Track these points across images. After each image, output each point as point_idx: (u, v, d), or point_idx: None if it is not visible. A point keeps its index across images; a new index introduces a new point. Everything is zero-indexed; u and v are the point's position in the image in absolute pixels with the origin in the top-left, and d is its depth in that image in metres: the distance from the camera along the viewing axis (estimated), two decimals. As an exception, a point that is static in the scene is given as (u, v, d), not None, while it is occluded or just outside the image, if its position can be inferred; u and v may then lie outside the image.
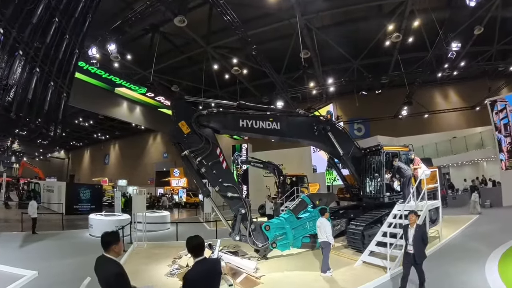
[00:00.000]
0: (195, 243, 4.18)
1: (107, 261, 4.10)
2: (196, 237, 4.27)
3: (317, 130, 12.02)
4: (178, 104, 10.11)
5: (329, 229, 9.35)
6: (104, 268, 4.05)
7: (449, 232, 13.34)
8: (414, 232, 7.42)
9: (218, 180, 9.82)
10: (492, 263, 8.92)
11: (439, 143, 27.34)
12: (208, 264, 4.26)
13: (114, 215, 18.49)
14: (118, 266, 4.08)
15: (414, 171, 12.19)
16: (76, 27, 11.22)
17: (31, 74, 9.78)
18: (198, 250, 4.17)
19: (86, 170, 63.04)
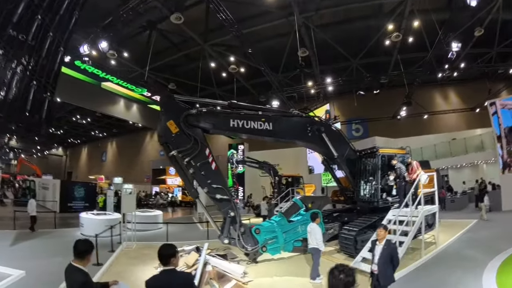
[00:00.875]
0: (164, 252, 4.02)
1: (75, 270, 4.00)
2: (168, 246, 4.14)
3: (311, 131, 11.73)
4: (167, 103, 9.82)
5: (319, 236, 9.04)
6: (71, 278, 3.97)
7: (445, 237, 13.04)
8: (382, 250, 6.33)
9: (206, 182, 9.59)
10: (490, 273, 8.55)
11: (438, 144, 27.14)
12: (175, 276, 4.00)
13: (105, 214, 18.17)
14: (84, 275, 3.97)
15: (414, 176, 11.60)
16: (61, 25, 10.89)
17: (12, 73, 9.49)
18: (167, 259, 3.98)
19: (83, 167, 62.76)
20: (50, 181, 32.59)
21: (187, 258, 9.57)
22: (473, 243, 12.26)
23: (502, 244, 11.05)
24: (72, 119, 45.09)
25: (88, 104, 32.03)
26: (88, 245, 4.21)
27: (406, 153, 13.64)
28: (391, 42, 24.70)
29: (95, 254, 10.53)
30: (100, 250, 11.01)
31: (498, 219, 16.88)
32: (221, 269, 9.07)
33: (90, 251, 4.19)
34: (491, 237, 12.90)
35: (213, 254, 10.23)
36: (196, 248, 10.16)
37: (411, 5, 21.84)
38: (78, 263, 4.03)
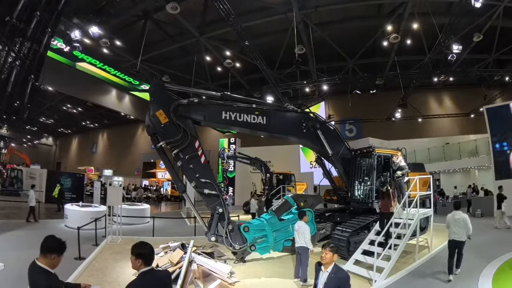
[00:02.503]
0: (140, 251, 3.51)
1: (38, 271, 3.40)
2: (143, 244, 3.60)
3: (305, 127, 11.33)
4: (157, 91, 9.25)
5: (308, 234, 8.63)
6: (34, 280, 3.38)
7: (439, 241, 12.66)
8: (327, 279, 4.40)
9: (195, 175, 9.12)
10: (486, 278, 8.33)
11: (432, 148, 27.09)
12: (155, 276, 3.60)
13: (91, 206, 17.62)
14: (49, 278, 3.41)
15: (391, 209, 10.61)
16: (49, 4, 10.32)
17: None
18: (144, 257, 3.50)
19: (73, 158, 61.92)
20: (37, 171, 31.96)
21: (172, 256, 9.06)
22: (467, 248, 11.63)
23: (496, 249, 10.97)
24: (63, 108, 44.39)
25: (79, 94, 31.58)
26: (57, 244, 3.55)
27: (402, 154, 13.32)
28: (389, 43, 24.56)
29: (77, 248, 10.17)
30: (83, 243, 10.54)
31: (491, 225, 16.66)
32: (207, 268, 8.58)
33: (58, 252, 3.52)
34: (485, 242, 12.64)
35: (199, 251, 9.74)
36: (181, 245, 9.64)
37: (412, 7, 21.73)
38: (43, 262, 3.43)
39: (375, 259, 8.60)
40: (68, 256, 9.41)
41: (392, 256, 8.93)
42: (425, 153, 26.80)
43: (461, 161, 25.10)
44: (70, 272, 7.98)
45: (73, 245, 10.11)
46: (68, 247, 3.58)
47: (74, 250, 10.02)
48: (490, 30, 23.57)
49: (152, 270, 3.54)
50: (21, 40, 9.38)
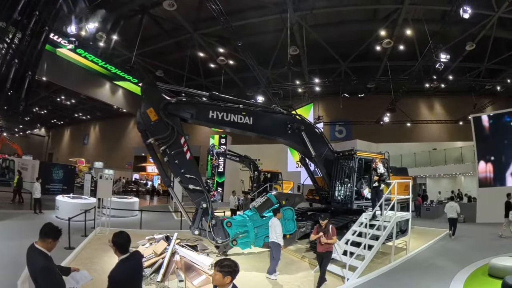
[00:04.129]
0: (117, 240, 4.06)
1: (36, 253, 3.94)
2: (121, 233, 4.14)
3: (290, 128, 11.81)
4: (148, 90, 9.73)
5: (279, 230, 9.16)
6: (32, 260, 3.90)
7: (417, 244, 13.23)
8: None
9: (180, 171, 9.60)
10: (458, 283, 8.55)
11: (418, 153, 27.56)
12: (132, 260, 4.11)
13: (81, 198, 18.12)
14: (46, 259, 3.93)
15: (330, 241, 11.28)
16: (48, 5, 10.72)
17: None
18: (124, 246, 4.05)
19: (65, 149, 61.79)
20: (30, 162, 32.11)
21: (156, 247, 9.56)
22: (444, 252, 12.35)
23: (473, 255, 11.14)
24: (57, 99, 44.43)
25: (73, 86, 31.76)
26: (55, 231, 4.12)
27: (384, 158, 13.81)
28: (382, 48, 25.03)
29: (67, 237, 10.64)
30: (73, 234, 11.04)
31: (472, 231, 17.11)
32: (189, 260, 9.09)
33: (54, 237, 4.08)
34: (463, 247, 13.02)
35: (183, 244, 10.24)
36: (165, 237, 10.14)
37: (406, 14, 22.15)
38: (41, 245, 3.96)
39: (347, 258, 9.03)
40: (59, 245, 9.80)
41: (366, 256, 9.36)
42: (411, 157, 27.29)
43: (447, 167, 25.60)
44: (60, 261, 8.36)
45: (64, 235, 10.57)
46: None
47: (64, 240, 10.46)
48: (483, 40, 24.03)
49: (128, 257, 4.05)
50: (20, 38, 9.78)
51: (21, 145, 50.95)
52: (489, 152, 20.56)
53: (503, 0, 20.08)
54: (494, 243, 13.74)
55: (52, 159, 59.42)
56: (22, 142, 56.66)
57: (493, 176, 20.25)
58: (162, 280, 8.10)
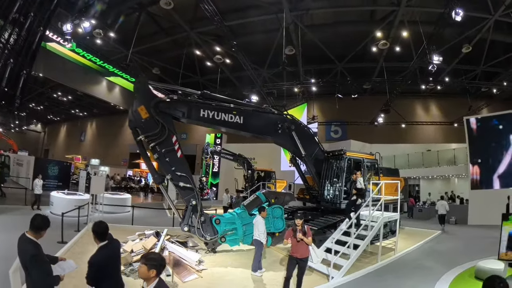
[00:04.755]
0: (96, 229, 4.48)
1: (27, 241, 4.23)
2: (100, 222, 4.56)
3: (281, 128, 12.07)
4: (140, 88, 9.96)
5: (262, 228, 9.39)
6: (23, 248, 4.20)
7: (406, 245, 13.43)
8: None
9: (170, 168, 9.80)
10: (443, 284, 8.59)
11: (412, 154, 27.80)
12: (111, 247, 4.53)
13: (75, 194, 18.41)
14: (36, 248, 4.21)
15: None
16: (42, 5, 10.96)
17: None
18: (102, 235, 4.46)
19: (61, 145, 61.82)
20: (25, 158, 32.40)
21: (145, 242, 9.82)
22: (433, 253, 12.48)
23: (461, 257, 11.19)
24: (53, 95, 44.59)
25: (70, 82, 31.89)
26: (45, 222, 4.44)
27: (374, 159, 14.09)
28: (378, 49, 25.20)
29: (60, 232, 11.00)
30: (66, 229, 11.32)
31: (462, 233, 17.31)
32: (177, 255, 9.35)
33: (45, 228, 4.41)
34: (452, 249, 13.16)
35: (172, 240, 10.52)
36: (155, 233, 10.41)
37: (402, 15, 22.29)
38: (32, 235, 4.27)
39: (332, 256, 9.22)
40: (52, 239, 10.30)
41: (351, 255, 9.57)
42: (404, 158, 27.59)
43: (440, 169, 25.89)
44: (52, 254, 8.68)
45: (57, 230, 10.99)
46: (52, 232, 4.45)
47: (57, 234, 10.90)
48: (480, 42, 24.19)
49: (107, 244, 4.46)
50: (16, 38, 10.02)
51: (17, 141, 51.18)
52: (477, 155, 20.86)
53: (499, 4, 20.18)
54: (484, 246, 13.63)
55: (48, 155, 59.54)
56: (18, 138, 56.79)
57: (479, 179, 20.55)
58: (150, 274, 8.35)
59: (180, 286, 7.98)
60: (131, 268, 8.70)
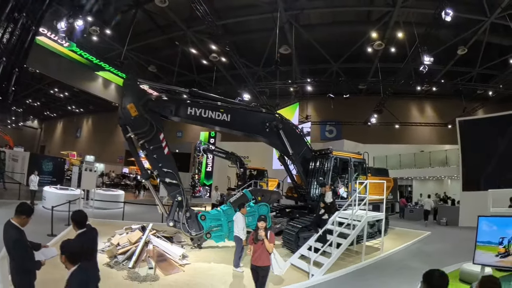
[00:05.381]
0: (75, 217, 5.00)
1: (11, 227, 4.62)
2: (78, 211, 5.08)
3: (269, 127, 12.32)
4: (130, 86, 10.22)
5: (241, 225, 9.61)
6: (7, 233, 4.57)
7: (393, 245, 13.57)
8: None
9: (158, 165, 10.10)
10: None
11: (404, 155, 28.04)
12: (88, 234, 5.02)
13: (67, 189, 18.83)
14: (19, 233, 4.61)
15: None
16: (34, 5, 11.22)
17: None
18: (80, 223, 4.94)
19: (57, 142, 62.05)
20: (20, 153, 32.68)
21: (131, 236, 10.12)
22: (420, 254, 12.54)
23: (448, 259, 11.09)
24: (50, 91, 44.84)
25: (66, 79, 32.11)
26: (27, 208, 4.85)
27: (362, 158, 14.37)
28: (373, 50, 25.42)
29: (50, 226, 11.38)
30: (57, 223, 11.65)
31: (452, 234, 17.40)
32: (161, 249, 9.66)
33: (26, 214, 4.79)
34: (439, 251, 13.19)
35: (158, 235, 10.82)
36: (141, 227, 10.70)
37: (397, 16, 22.43)
38: (16, 221, 4.65)
39: (312, 254, 9.44)
40: (42, 232, 10.62)
41: (332, 254, 9.78)
42: (396, 158, 27.86)
43: (432, 170, 26.11)
44: (41, 246, 9.08)
45: (47, 224, 11.38)
46: (43, 225, 4.83)
47: (47, 227, 11.26)
48: (476, 45, 24.41)
49: (85, 231, 4.94)
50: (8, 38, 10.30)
51: (13, 137, 51.43)
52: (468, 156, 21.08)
53: (496, 6, 20.34)
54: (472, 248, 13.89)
55: (44, 151, 59.73)
56: (14, 134, 57.05)
57: (471, 180, 20.76)
58: (133, 266, 8.67)
59: (162, 279, 8.26)
60: (116, 260, 9.00)
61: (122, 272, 8.42)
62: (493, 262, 6.44)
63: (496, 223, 6.55)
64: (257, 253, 6.87)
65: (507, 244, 6.28)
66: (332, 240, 10.04)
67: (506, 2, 19.47)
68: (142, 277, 8.12)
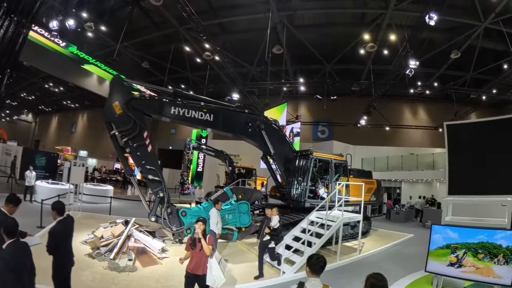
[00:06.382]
0: (56, 206, 5.87)
1: (1, 214, 5.44)
2: (58, 202, 6.01)
3: (251, 127, 12.89)
4: (115, 85, 10.79)
5: (213, 219, 10.14)
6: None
7: (373, 246, 14.02)
8: None
9: (141, 162, 10.62)
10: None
11: (391, 157, 28.49)
12: (67, 221, 5.94)
13: (58, 184, 19.62)
14: (6, 219, 5.24)
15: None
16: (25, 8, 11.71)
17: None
18: (59, 211, 5.81)
19: (52, 136, 62.44)
20: (14, 148, 33.28)
21: (114, 229, 10.76)
22: (398, 256, 12.93)
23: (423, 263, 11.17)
24: (45, 86, 45.28)
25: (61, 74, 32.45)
26: (15, 198, 5.69)
27: (343, 160, 14.95)
28: (366, 52, 25.88)
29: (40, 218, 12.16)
30: (46, 215, 12.18)
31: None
32: (142, 243, 10.30)
33: (14, 203, 5.64)
34: (417, 254, 12.86)
35: (141, 229, 11.44)
36: (125, 221, 11.32)
37: (390, 19, 22.90)
38: (5, 208, 5.50)
39: (283, 251, 9.94)
40: (32, 224, 11.27)
41: (305, 252, 10.27)
42: (384, 161, 28.41)
43: (420, 173, 26.59)
44: (30, 236, 9.76)
45: (37, 216, 12.10)
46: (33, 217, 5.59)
47: (37, 220, 11.96)
48: (470, 49, 24.85)
49: (65, 218, 5.86)
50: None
51: (7, 131, 51.80)
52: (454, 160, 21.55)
53: (490, 11, 20.68)
54: None
55: (39, 146, 60.18)
56: (8, 127, 57.41)
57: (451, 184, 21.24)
58: (114, 258, 9.31)
59: (139, 270, 8.89)
60: (98, 252, 9.64)
61: (103, 262, 9.08)
62: (445, 271, 6.66)
63: (450, 232, 6.82)
64: (195, 259, 6.41)
65: (461, 255, 6.51)
66: (305, 239, 10.61)
67: (500, 7, 19.85)
68: (121, 268, 8.80)
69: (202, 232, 6.40)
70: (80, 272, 7.94)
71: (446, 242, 6.67)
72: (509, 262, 6.00)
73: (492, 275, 6.14)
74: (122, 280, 8.11)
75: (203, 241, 6.26)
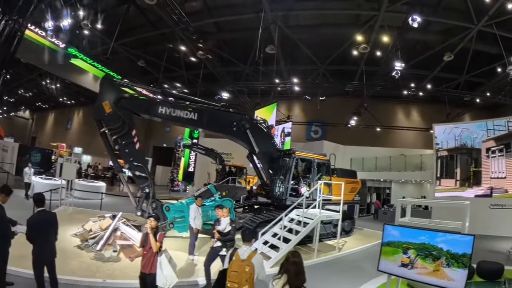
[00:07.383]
0: (36, 197, 6.54)
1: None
2: (39, 194, 6.76)
3: (236, 126, 13.52)
4: (105, 84, 11.42)
5: (192, 214, 10.72)
6: None
7: (355, 245, 14.40)
8: None
9: (129, 159, 11.34)
10: (369, 286, 9.07)
11: (380, 158, 28.97)
12: (46, 213, 6.56)
13: (51, 179, 20.53)
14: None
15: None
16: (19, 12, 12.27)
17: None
18: (39, 202, 6.45)
19: (48, 133, 62.92)
20: (10, 144, 33.96)
21: (102, 223, 11.53)
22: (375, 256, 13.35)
23: None
24: (42, 82, 45.78)
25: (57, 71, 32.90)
26: (7, 189, 6.40)
27: (326, 160, 15.61)
28: (359, 53, 26.32)
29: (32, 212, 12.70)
30: (38, 209, 13.03)
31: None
32: (127, 235, 11.04)
33: (6, 194, 6.33)
34: None
35: (127, 223, 12.17)
36: (112, 216, 12.06)
37: (382, 20, 23.45)
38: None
39: (259, 246, 10.49)
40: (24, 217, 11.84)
41: (281, 248, 10.80)
42: (372, 161, 28.97)
43: (408, 173, 27.09)
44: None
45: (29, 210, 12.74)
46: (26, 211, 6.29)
47: (29, 213, 12.62)
48: (464, 52, 25.40)
49: (44, 210, 6.51)
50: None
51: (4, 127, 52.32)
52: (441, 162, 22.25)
53: (483, 13, 21.07)
54: None
55: (35, 142, 60.87)
56: (5, 124, 57.89)
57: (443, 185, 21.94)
58: (101, 249, 10.07)
59: (122, 261, 9.61)
60: (86, 244, 10.39)
61: (90, 253, 9.84)
62: (397, 271, 6.64)
63: (401, 233, 6.75)
64: (145, 257, 6.32)
65: (412, 257, 6.47)
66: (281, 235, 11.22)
67: (493, 10, 20.26)
68: (106, 258, 9.55)
69: (153, 229, 6.26)
70: (69, 261, 8.78)
71: (388, 239, 6.86)
72: (450, 265, 6.19)
73: (446, 278, 6.03)
74: (106, 269, 8.80)
75: (151, 237, 6.12)
